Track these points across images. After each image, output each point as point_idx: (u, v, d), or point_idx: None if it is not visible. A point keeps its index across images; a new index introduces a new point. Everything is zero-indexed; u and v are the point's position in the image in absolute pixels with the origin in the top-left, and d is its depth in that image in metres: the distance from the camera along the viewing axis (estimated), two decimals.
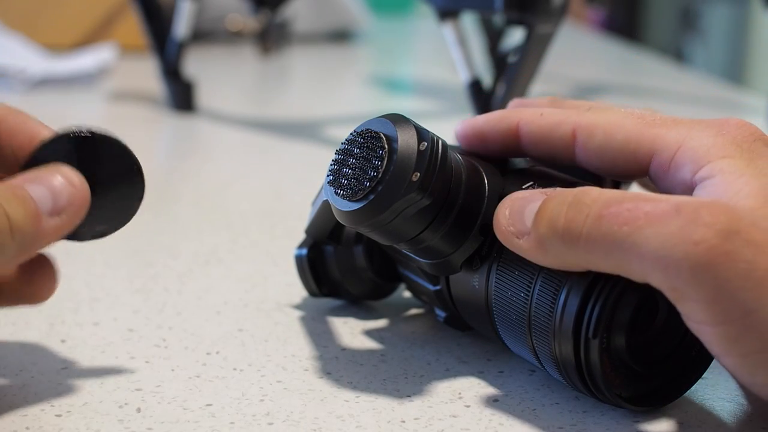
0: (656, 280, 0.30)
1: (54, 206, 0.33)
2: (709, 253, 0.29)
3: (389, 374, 0.38)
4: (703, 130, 0.34)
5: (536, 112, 0.38)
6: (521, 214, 0.33)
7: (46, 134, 0.35)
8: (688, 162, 0.34)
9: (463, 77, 0.74)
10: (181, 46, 0.86)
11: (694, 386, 0.35)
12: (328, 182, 0.36)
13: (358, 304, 0.45)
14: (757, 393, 0.33)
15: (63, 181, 0.34)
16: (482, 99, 0.74)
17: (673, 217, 0.30)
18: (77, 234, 0.35)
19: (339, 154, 0.36)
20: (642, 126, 0.35)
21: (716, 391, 0.37)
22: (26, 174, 0.34)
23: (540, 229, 0.32)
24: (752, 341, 0.30)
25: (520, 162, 0.39)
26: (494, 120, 0.38)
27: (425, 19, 1.56)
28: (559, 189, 0.33)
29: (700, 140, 0.34)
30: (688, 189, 0.34)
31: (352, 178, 0.35)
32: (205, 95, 0.92)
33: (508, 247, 0.34)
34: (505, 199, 0.34)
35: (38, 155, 0.35)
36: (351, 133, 0.36)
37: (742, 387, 0.37)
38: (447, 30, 0.74)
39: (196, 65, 0.94)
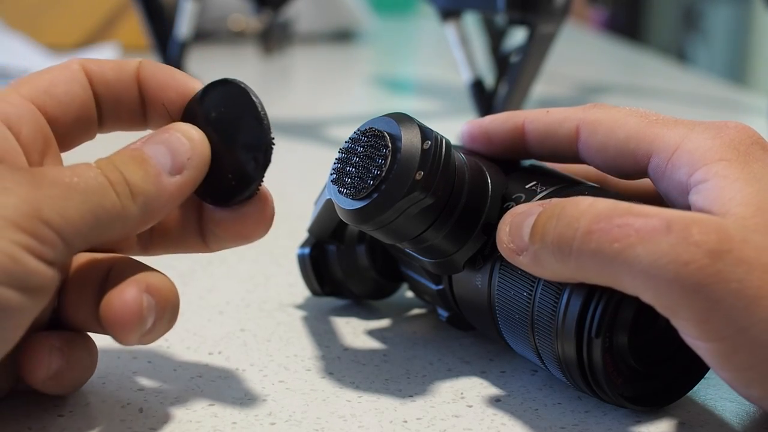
0: (648, 298, 0.30)
1: (173, 163, 0.33)
2: (699, 273, 0.29)
3: (391, 374, 0.38)
4: (702, 133, 0.34)
5: (542, 110, 0.38)
6: (520, 229, 0.33)
7: (194, 86, 0.35)
8: (684, 164, 0.34)
9: (465, 77, 0.74)
10: (184, 46, 0.86)
11: (696, 386, 0.35)
12: (332, 181, 0.36)
13: (360, 304, 0.45)
14: (754, 404, 0.33)
15: (180, 137, 0.33)
16: (484, 99, 0.74)
17: (663, 234, 0.30)
18: (212, 196, 0.34)
19: (342, 153, 0.36)
20: (644, 125, 0.35)
21: (719, 391, 0.37)
22: (144, 137, 0.33)
23: (534, 244, 0.33)
24: (745, 358, 0.30)
25: (524, 162, 0.39)
26: (500, 119, 0.39)
27: (427, 19, 1.56)
28: (554, 200, 0.33)
29: (698, 142, 0.34)
30: (684, 191, 0.34)
31: (355, 177, 0.35)
32: None
33: (512, 263, 0.34)
34: (506, 215, 0.34)
35: (189, 110, 0.34)
36: (355, 132, 0.36)
37: None
38: (449, 30, 0.74)
39: (198, 65, 0.94)
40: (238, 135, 0.34)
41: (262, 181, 0.34)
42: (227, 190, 0.34)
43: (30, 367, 0.33)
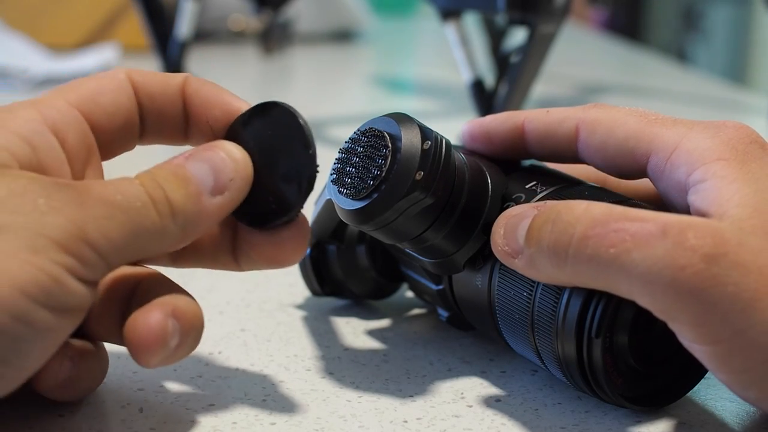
0: (645, 303, 0.31)
1: (216, 184, 0.32)
2: (695, 277, 0.29)
3: (392, 374, 0.38)
4: (700, 132, 0.34)
5: (542, 110, 0.38)
6: (514, 232, 0.33)
7: (240, 106, 0.35)
8: (683, 163, 0.34)
9: (465, 77, 0.74)
10: (184, 46, 0.86)
11: (696, 386, 0.35)
12: (332, 181, 0.36)
13: (360, 304, 0.45)
14: (752, 404, 0.33)
15: (224, 157, 0.33)
16: (484, 99, 0.74)
17: (659, 239, 0.30)
18: (249, 218, 0.34)
19: (342, 153, 0.36)
20: (643, 124, 0.35)
21: (718, 391, 0.36)
22: (187, 152, 0.33)
23: (530, 248, 0.33)
24: (742, 360, 0.30)
25: (524, 162, 0.39)
26: (500, 119, 0.39)
27: (427, 19, 1.56)
28: (549, 203, 0.33)
29: (697, 142, 0.34)
30: (683, 191, 0.34)
31: (355, 177, 0.35)
32: None
33: (507, 265, 0.34)
34: (500, 217, 0.34)
35: (233, 129, 0.34)
36: (355, 132, 0.36)
37: None
38: (449, 30, 0.74)
39: (198, 65, 0.94)
40: (282, 158, 0.34)
41: (303, 207, 0.34)
42: (266, 213, 0.34)
43: (39, 374, 0.33)
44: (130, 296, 0.33)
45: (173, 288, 0.33)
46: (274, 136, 0.34)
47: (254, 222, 0.34)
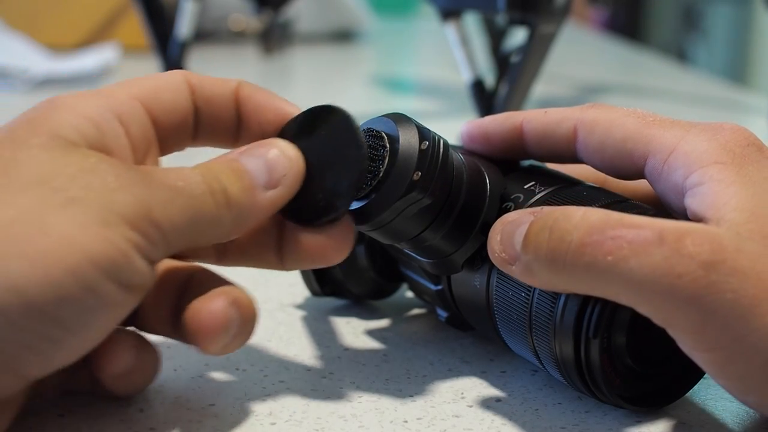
0: (643, 310, 0.31)
1: (269, 178, 0.33)
2: (693, 285, 0.29)
3: (392, 374, 0.38)
4: (698, 135, 0.34)
5: (540, 110, 0.38)
6: (511, 239, 0.33)
7: (292, 110, 0.35)
8: (680, 166, 0.34)
9: (465, 77, 0.75)
10: (184, 46, 0.86)
11: (696, 386, 0.35)
12: None
13: (360, 304, 0.45)
14: (751, 408, 0.33)
15: (278, 153, 0.34)
16: (484, 99, 0.74)
17: (656, 246, 0.30)
18: (297, 215, 0.34)
19: None
20: (641, 125, 0.35)
21: (718, 391, 0.37)
22: (243, 147, 0.34)
23: (527, 255, 0.32)
24: (741, 366, 0.30)
25: (522, 162, 0.39)
26: (499, 120, 0.39)
27: (428, 19, 1.56)
28: (546, 209, 0.33)
29: (694, 144, 0.34)
30: (680, 193, 0.34)
31: None
32: None
33: (503, 271, 0.34)
34: (497, 222, 0.34)
35: (286, 131, 0.35)
36: None
37: None
38: (449, 30, 0.74)
39: (198, 65, 0.94)
40: (332, 158, 0.34)
41: (350, 206, 0.34)
42: (314, 210, 0.34)
43: (104, 360, 0.33)
44: (183, 289, 0.34)
45: (228, 282, 0.34)
46: (325, 137, 0.34)
47: (302, 219, 0.35)
